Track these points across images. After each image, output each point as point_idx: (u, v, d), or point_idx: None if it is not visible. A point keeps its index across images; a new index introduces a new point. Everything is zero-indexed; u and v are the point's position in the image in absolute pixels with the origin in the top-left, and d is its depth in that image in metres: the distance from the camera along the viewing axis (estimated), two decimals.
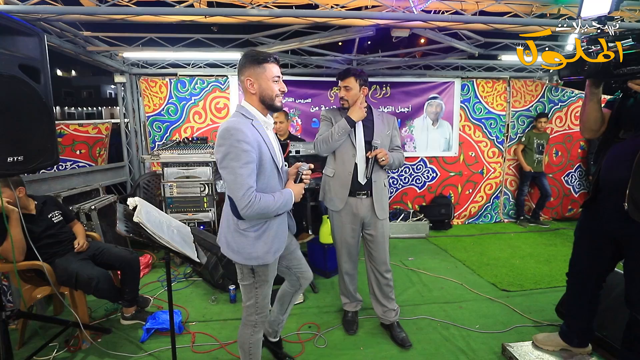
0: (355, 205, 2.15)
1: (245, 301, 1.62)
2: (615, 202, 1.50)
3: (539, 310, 2.56)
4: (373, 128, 2.17)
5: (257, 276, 1.55)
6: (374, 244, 2.21)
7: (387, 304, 2.26)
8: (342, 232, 2.22)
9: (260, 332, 1.66)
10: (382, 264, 2.22)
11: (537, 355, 1.96)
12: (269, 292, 1.63)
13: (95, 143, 3.98)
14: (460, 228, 4.73)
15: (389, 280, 2.25)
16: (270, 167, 1.48)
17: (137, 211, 1.36)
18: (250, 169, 1.37)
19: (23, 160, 1.52)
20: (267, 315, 1.68)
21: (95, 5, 2.38)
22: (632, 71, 1.35)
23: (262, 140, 1.45)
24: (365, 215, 2.17)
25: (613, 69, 1.40)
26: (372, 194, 2.15)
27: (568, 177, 5.11)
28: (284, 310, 1.94)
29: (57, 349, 2.12)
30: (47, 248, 2.16)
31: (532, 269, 3.31)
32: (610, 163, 1.55)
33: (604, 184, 1.59)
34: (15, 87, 1.48)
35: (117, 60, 3.97)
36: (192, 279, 3.12)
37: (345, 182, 2.13)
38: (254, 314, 1.61)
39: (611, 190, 1.54)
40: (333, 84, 4.48)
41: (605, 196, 1.60)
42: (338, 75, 2.18)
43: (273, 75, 1.48)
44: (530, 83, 4.82)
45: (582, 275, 1.83)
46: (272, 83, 1.48)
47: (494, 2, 2.66)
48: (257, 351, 1.68)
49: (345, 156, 2.14)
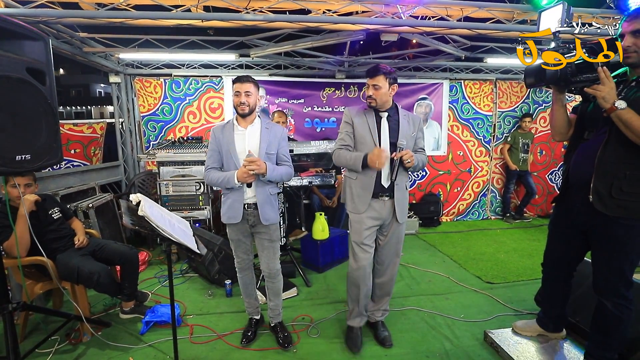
0: (377, 208, 2.07)
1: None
2: (583, 196, 1.65)
3: (520, 300, 2.72)
4: (398, 129, 2.06)
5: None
6: (387, 246, 2.16)
7: (381, 302, 2.28)
8: (361, 233, 2.10)
9: (241, 274, 2.22)
10: (392, 265, 2.20)
11: (516, 340, 2.10)
12: (235, 247, 2.16)
13: (89, 142, 4.02)
14: (448, 225, 4.89)
15: (391, 280, 2.23)
16: (227, 157, 2.01)
17: (141, 206, 1.45)
18: (209, 154, 2.04)
19: (30, 159, 1.59)
20: (239, 264, 2.19)
21: (95, 9, 2.45)
22: (587, 79, 1.50)
23: (224, 138, 2.01)
24: (385, 218, 2.10)
25: (570, 77, 1.55)
26: (393, 196, 2.07)
27: (552, 175, 5.31)
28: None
29: (59, 342, 2.19)
30: (49, 244, 2.23)
31: (515, 263, 3.47)
32: (577, 161, 1.70)
33: (573, 181, 1.74)
34: (22, 89, 1.56)
35: (112, 61, 4.02)
36: (189, 275, 3.21)
37: (368, 184, 2.05)
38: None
39: (579, 185, 1.69)
40: (325, 84, 4.60)
41: (574, 191, 1.74)
42: (367, 73, 2.05)
43: (234, 90, 2.00)
44: (515, 84, 5.00)
45: (554, 265, 1.99)
46: (234, 96, 2.00)
47: (478, 9, 2.80)
48: (243, 288, 2.26)
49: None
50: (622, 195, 1.53)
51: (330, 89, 4.61)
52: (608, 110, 1.46)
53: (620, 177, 1.52)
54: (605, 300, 1.69)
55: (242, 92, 1.96)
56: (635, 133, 1.42)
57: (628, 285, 1.65)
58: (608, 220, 1.59)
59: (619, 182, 1.52)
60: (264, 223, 2.04)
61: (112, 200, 3.60)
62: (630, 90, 1.52)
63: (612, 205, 1.55)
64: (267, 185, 2.05)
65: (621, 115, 1.44)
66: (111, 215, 3.52)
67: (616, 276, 1.64)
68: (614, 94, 1.45)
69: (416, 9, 2.69)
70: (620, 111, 1.43)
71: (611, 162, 1.55)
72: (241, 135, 2.03)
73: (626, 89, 1.54)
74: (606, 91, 1.45)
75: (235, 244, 2.15)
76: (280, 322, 2.30)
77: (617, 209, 1.55)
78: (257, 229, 2.11)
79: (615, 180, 1.53)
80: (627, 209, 1.53)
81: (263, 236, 2.12)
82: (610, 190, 1.54)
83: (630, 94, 1.51)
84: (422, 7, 2.69)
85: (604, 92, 1.45)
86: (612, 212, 1.56)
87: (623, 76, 1.61)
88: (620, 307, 1.65)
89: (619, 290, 1.65)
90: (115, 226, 3.56)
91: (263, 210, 2.03)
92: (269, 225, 2.08)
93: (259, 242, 2.14)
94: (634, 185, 1.51)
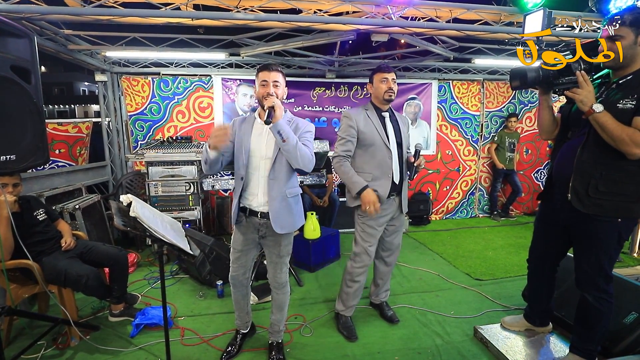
0: (386, 207, 2.15)
1: None
2: (564, 194, 1.71)
3: (508, 296, 2.78)
4: (399, 128, 2.19)
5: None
6: (394, 234, 2.31)
7: (384, 285, 2.46)
8: (372, 233, 2.17)
9: (234, 289, 2.02)
10: (397, 250, 2.38)
11: (505, 335, 2.15)
12: (234, 257, 1.94)
13: (75, 142, 3.93)
14: (438, 223, 4.96)
15: (393, 264, 2.43)
16: (238, 151, 1.80)
17: (133, 207, 1.43)
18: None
19: (15, 159, 1.55)
20: (233, 278, 1.98)
21: (81, 6, 2.40)
22: (570, 81, 1.57)
23: (241, 130, 1.81)
24: (392, 213, 2.23)
25: (552, 79, 1.62)
26: (400, 193, 2.21)
27: (537, 174, 5.44)
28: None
29: (45, 347, 2.14)
30: (34, 246, 2.17)
31: (503, 260, 3.55)
32: (560, 160, 1.77)
33: (556, 179, 1.80)
34: (7, 88, 1.51)
35: (98, 59, 3.93)
36: (179, 276, 3.17)
37: (385, 184, 2.10)
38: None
39: (560, 183, 1.75)
40: (315, 84, 4.60)
41: (556, 189, 1.81)
42: (384, 69, 2.12)
43: (260, 80, 1.75)
44: (502, 85, 5.10)
45: (538, 261, 2.05)
46: (260, 87, 1.75)
47: (466, 11, 2.85)
48: (235, 303, 2.07)
49: (382, 160, 2.11)
50: (598, 194, 1.59)
51: (320, 89, 4.61)
52: (586, 112, 1.53)
53: (596, 177, 1.59)
54: (586, 294, 1.75)
55: (270, 81, 1.71)
56: (610, 135, 1.49)
57: (608, 279, 1.71)
58: (587, 217, 1.66)
59: (595, 182, 1.59)
60: (278, 231, 1.77)
61: (100, 201, 3.53)
62: (611, 92, 1.59)
63: (588, 204, 1.62)
64: (283, 184, 1.78)
65: (598, 118, 1.50)
66: (98, 217, 3.45)
67: (595, 271, 1.70)
68: (592, 97, 1.52)
69: (406, 10, 2.72)
70: (597, 114, 1.50)
71: (589, 162, 1.61)
72: (259, 130, 1.80)
73: (607, 91, 1.61)
74: (584, 94, 1.51)
75: (236, 254, 1.92)
76: (279, 343, 2.06)
77: (593, 207, 1.61)
78: (266, 241, 1.88)
79: (592, 180, 1.59)
80: (603, 207, 1.60)
81: (272, 250, 1.89)
82: (587, 189, 1.61)
83: (611, 94, 1.58)
84: (412, 8, 2.72)
85: (582, 95, 1.52)
86: (588, 210, 1.62)
87: (606, 77, 1.67)
88: (601, 300, 1.71)
89: (599, 284, 1.71)
90: (102, 227, 3.49)
91: (278, 217, 1.76)
92: (282, 237, 1.84)
93: (268, 254, 1.93)
94: (609, 185, 1.58)
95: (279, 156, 1.75)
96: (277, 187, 1.77)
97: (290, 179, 1.83)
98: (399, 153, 2.17)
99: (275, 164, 1.76)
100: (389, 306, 2.53)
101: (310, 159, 1.73)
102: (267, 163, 1.77)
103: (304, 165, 1.71)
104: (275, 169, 1.76)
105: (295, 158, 1.68)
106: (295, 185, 1.89)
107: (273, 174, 1.76)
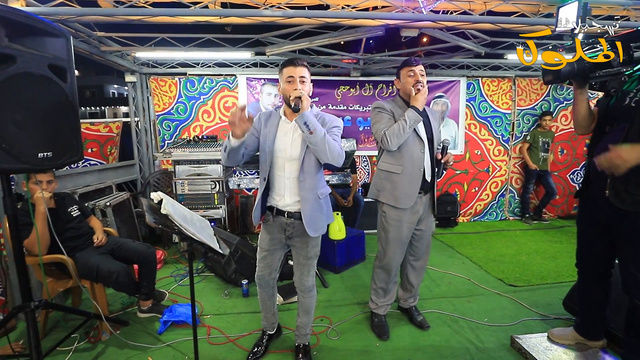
0: (417, 204, 2.08)
1: None
2: (602, 191, 1.59)
3: (546, 304, 2.61)
4: (430, 123, 2.11)
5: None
6: (423, 239, 2.23)
7: (414, 290, 2.39)
8: (400, 231, 2.10)
9: (260, 290, 1.98)
10: (426, 254, 2.32)
11: (546, 346, 2.01)
12: (260, 257, 1.89)
13: (106, 141, 4.05)
14: (466, 225, 4.78)
15: (424, 268, 2.37)
16: (262, 151, 1.74)
17: (164, 204, 1.42)
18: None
19: (52, 156, 1.58)
20: (259, 279, 1.93)
21: (113, 7, 2.45)
22: (607, 73, 1.48)
23: (266, 128, 1.73)
24: (422, 213, 2.14)
25: (588, 72, 1.53)
26: (429, 191, 2.14)
27: (574, 175, 5.15)
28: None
29: (78, 340, 2.19)
30: (68, 242, 2.23)
31: (538, 265, 3.36)
32: (597, 155, 1.63)
33: (594, 175, 1.67)
34: (45, 86, 1.54)
35: (128, 60, 4.03)
36: (204, 274, 3.19)
37: (416, 179, 2.03)
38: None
39: (599, 180, 1.63)
40: (340, 82, 4.53)
41: (594, 186, 1.69)
42: (412, 62, 2.07)
43: (285, 76, 1.67)
44: (535, 82, 4.86)
45: (587, 264, 1.90)
46: (285, 84, 1.67)
47: (502, 2, 2.71)
48: (262, 303, 2.03)
49: (414, 152, 2.03)
50: (638, 191, 1.47)
51: (345, 87, 4.54)
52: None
53: (637, 173, 1.45)
54: (636, 300, 1.61)
55: (297, 77, 1.63)
56: None
57: None
58: (628, 214, 1.54)
59: (636, 178, 1.46)
60: (312, 235, 1.71)
61: (129, 199, 3.61)
62: None
63: (628, 201, 1.51)
64: (314, 185, 1.72)
65: None
66: (127, 214, 3.53)
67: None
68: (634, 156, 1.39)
69: (437, 3, 2.61)
70: None
71: None
72: (285, 129, 1.73)
73: None
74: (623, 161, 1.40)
75: (262, 254, 1.88)
76: (306, 346, 2.00)
77: (633, 204, 1.50)
78: (293, 242, 1.82)
79: (632, 176, 1.46)
80: None
81: (300, 251, 1.83)
82: (626, 185, 1.49)
83: None
84: (444, 1, 2.61)
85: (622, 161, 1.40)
86: (628, 207, 1.51)
87: None
88: None
89: None
90: (131, 224, 3.57)
91: (312, 220, 1.70)
92: (310, 238, 1.76)
93: (295, 255, 1.88)
94: None
95: (307, 155, 1.68)
96: (309, 189, 1.70)
97: (320, 178, 1.78)
98: (430, 149, 2.08)
99: (304, 164, 1.68)
100: (419, 311, 2.44)
101: (339, 152, 1.64)
102: (293, 164, 1.71)
103: (333, 159, 1.61)
104: (305, 170, 1.69)
105: (324, 151, 1.59)
106: (325, 184, 1.83)
107: (303, 176, 1.69)
